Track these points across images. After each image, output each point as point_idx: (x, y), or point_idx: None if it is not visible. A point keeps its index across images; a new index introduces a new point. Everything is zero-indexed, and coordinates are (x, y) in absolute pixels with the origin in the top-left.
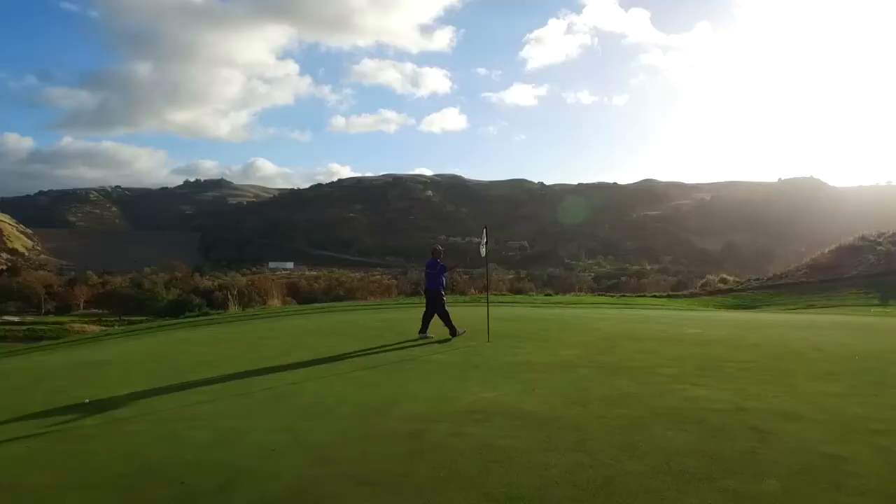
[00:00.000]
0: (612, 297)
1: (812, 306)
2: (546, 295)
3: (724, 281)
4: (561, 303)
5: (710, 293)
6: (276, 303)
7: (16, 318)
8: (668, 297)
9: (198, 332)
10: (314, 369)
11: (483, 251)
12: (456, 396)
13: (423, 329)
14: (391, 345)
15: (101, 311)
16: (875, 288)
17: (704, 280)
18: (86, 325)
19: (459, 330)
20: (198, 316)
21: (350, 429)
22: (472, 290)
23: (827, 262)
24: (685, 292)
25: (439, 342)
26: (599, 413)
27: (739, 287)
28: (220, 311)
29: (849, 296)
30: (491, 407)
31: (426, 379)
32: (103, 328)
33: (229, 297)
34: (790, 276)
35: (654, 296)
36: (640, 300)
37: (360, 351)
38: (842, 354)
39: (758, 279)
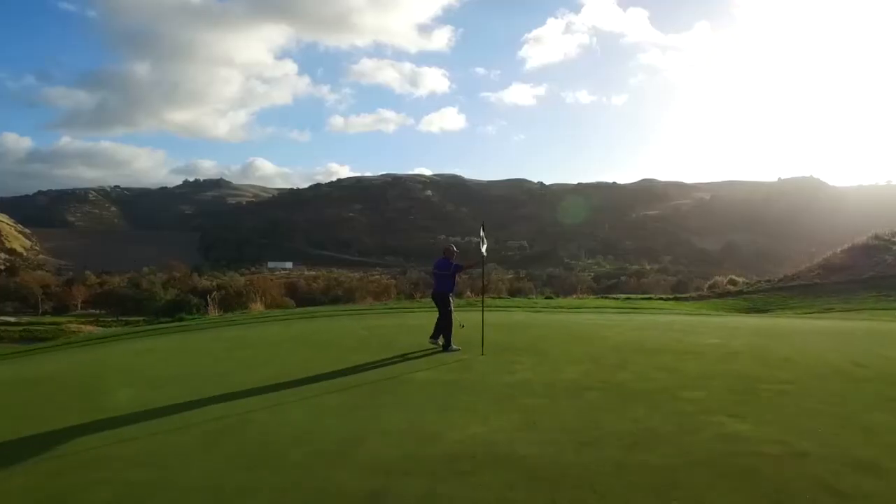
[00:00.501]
0: (616, 300)
1: (830, 310)
2: (546, 298)
3: (732, 282)
4: (562, 307)
5: (719, 295)
6: (258, 307)
7: (12, 319)
8: (675, 299)
9: (163, 341)
10: (274, 393)
11: (484, 250)
12: (437, 432)
13: (435, 336)
14: (371, 360)
15: (98, 311)
16: (895, 290)
17: (712, 281)
18: (82, 326)
19: (454, 346)
20: (173, 321)
21: (294, 485)
22: (469, 293)
23: (840, 263)
24: (693, 294)
25: (429, 353)
26: (618, 459)
27: (749, 289)
28: (196, 317)
29: (867, 298)
30: (479, 449)
31: (404, 406)
32: (100, 328)
33: (209, 300)
34: (802, 277)
35: (661, 298)
36: (647, 304)
37: (333, 367)
38: (894, 373)
39: (768, 280)
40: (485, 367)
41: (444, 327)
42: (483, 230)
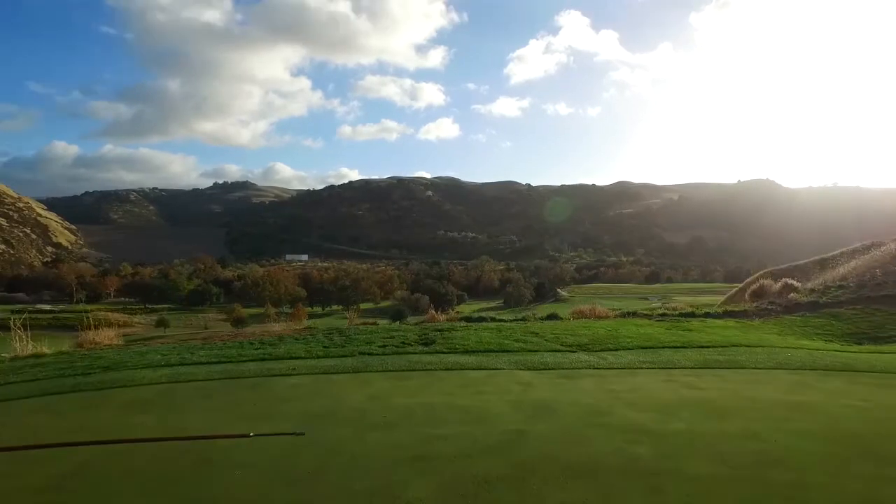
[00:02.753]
0: (661, 321)
1: None
2: (541, 320)
3: (789, 288)
4: (566, 336)
5: (787, 309)
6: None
7: (48, 307)
8: (727, 314)
9: None
10: None
11: None
12: None
13: None
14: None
15: (128, 299)
16: None
17: (756, 286)
18: (109, 314)
19: None
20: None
21: None
22: (440, 315)
23: None
24: (747, 308)
25: None
26: None
27: (826, 299)
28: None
29: None
30: None
31: None
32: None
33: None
34: (878, 279)
35: (707, 314)
36: (701, 330)
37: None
38: None
39: (841, 286)
40: None
41: None
42: None
